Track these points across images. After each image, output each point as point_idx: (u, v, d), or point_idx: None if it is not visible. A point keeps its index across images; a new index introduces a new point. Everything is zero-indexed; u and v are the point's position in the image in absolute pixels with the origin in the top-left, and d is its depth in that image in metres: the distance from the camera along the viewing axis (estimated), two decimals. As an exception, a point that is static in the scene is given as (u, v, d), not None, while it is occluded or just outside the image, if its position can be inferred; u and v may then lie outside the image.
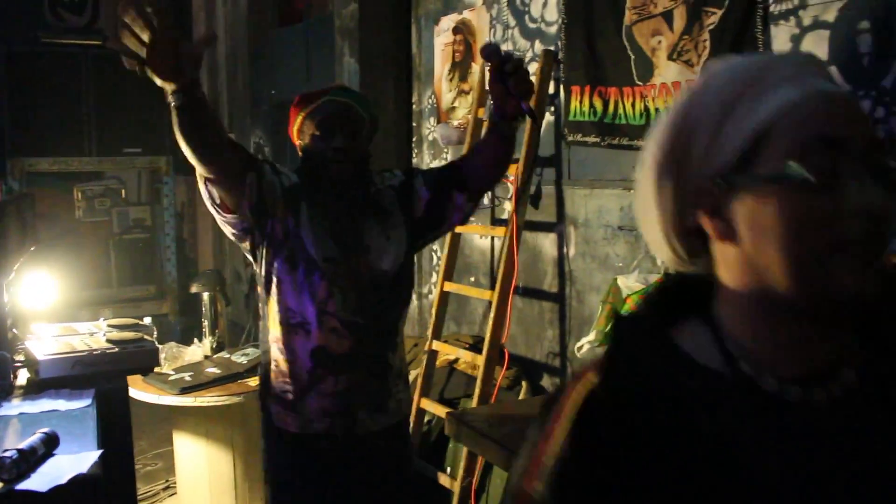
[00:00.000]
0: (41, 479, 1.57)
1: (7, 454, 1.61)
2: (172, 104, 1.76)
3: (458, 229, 3.58)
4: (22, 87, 5.82)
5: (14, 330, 2.43)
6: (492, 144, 2.21)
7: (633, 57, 2.85)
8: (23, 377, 2.25)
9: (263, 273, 2.13)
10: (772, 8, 2.43)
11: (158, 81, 1.70)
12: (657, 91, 2.77)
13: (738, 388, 0.76)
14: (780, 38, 2.41)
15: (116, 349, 2.24)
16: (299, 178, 2.16)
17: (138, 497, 4.03)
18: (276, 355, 2.14)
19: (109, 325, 2.58)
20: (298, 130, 2.19)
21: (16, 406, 2.00)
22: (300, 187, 2.14)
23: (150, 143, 6.09)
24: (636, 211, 0.86)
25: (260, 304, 2.21)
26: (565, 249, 3.26)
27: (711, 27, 2.57)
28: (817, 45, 2.33)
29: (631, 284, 2.81)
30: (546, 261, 3.36)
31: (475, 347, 3.62)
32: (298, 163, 2.24)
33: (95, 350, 2.20)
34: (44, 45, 6.02)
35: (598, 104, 3.01)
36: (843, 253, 0.71)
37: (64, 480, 1.55)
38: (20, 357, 2.30)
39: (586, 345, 2.82)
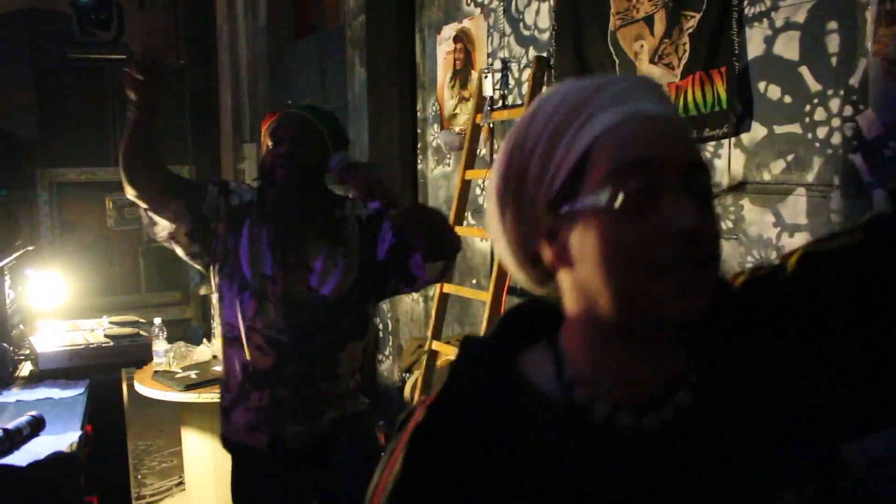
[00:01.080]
0: (22, 456, 1.69)
1: (-7, 433, 1.74)
2: (130, 116, 1.95)
3: (459, 231, 3.67)
4: (51, 101, 6.02)
5: (21, 326, 2.56)
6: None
7: (617, 61, 2.92)
8: (27, 369, 2.38)
9: (214, 289, 2.23)
10: (746, 10, 2.49)
11: (130, 92, 1.89)
12: (641, 94, 2.84)
13: (569, 417, 0.76)
14: (755, 40, 2.48)
15: (112, 343, 2.37)
16: (256, 197, 2.22)
17: (153, 493, 4.17)
18: (220, 366, 2.24)
19: (111, 323, 2.71)
20: (263, 146, 2.25)
21: (14, 394, 2.13)
22: (248, 206, 2.19)
23: (172, 153, 6.26)
24: (491, 238, 0.85)
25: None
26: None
27: (690, 30, 2.64)
28: (789, 45, 2.39)
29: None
30: (541, 262, 3.43)
31: (476, 348, 3.69)
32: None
33: (92, 344, 2.33)
34: (71, 60, 6.22)
35: (587, 108, 3.08)
36: (662, 277, 0.70)
37: (42, 457, 1.67)
38: (25, 351, 2.44)
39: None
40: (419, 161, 4.27)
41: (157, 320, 3.61)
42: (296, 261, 2.15)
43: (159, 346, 3.55)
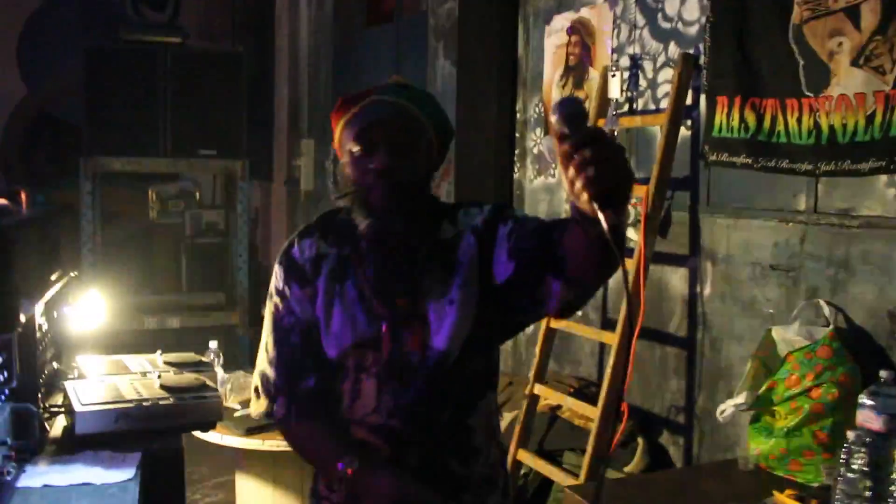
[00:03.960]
0: None
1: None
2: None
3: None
4: (99, 84, 5.57)
5: (55, 364, 2.05)
6: (573, 241, 1.37)
7: (801, 62, 2.35)
8: (60, 424, 1.86)
9: None
10: None
11: None
12: (833, 104, 2.27)
13: None
14: None
15: (171, 400, 1.79)
16: (322, 233, 1.65)
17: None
18: None
19: (166, 363, 2.17)
20: (339, 145, 1.62)
21: (42, 473, 1.57)
22: (317, 258, 1.62)
23: (226, 145, 5.78)
24: None
25: None
26: (699, 288, 2.76)
27: (914, 26, 2.07)
28: None
29: (790, 338, 2.31)
30: (673, 299, 2.87)
31: (581, 393, 3.16)
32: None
33: (146, 401, 1.76)
34: (123, 41, 5.77)
35: (751, 118, 2.51)
36: None
37: None
38: (57, 401, 1.92)
39: (731, 408, 2.33)
40: (516, 169, 3.71)
41: (213, 344, 3.10)
42: (404, 309, 1.58)
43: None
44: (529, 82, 3.64)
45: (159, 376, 2.00)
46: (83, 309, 2.29)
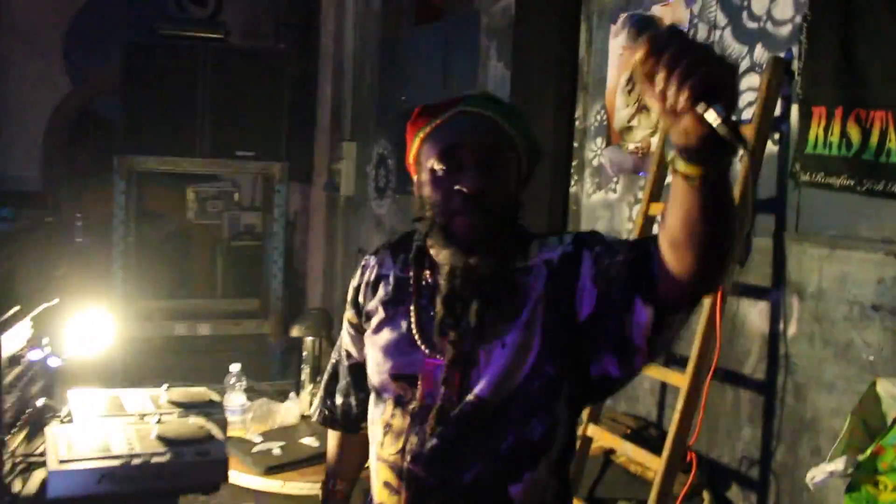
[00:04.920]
0: None
1: None
2: None
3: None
4: (137, 81, 5.37)
5: (42, 400, 1.77)
6: (675, 207, 1.11)
7: (923, 69, 2.01)
8: (40, 476, 1.57)
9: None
10: None
11: None
12: (962, 119, 1.92)
13: None
14: None
15: (167, 457, 1.50)
16: (393, 253, 1.54)
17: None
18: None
19: (170, 402, 1.87)
20: (415, 161, 1.45)
21: None
22: (378, 280, 1.54)
23: (265, 147, 5.55)
24: None
25: None
26: (782, 325, 2.42)
27: None
28: None
29: (901, 394, 1.95)
30: (750, 337, 2.53)
31: (639, 435, 2.83)
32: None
33: (136, 457, 1.46)
34: (162, 37, 5.56)
35: (855, 133, 2.17)
36: None
37: None
38: (41, 446, 1.64)
39: (825, 475, 1.98)
40: (573, 182, 3.39)
41: (235, 367, 2.82)
42: (452, 347, 1.40)
43: (234, 400, 2.77)
44: (591, 87, 3.31)
45: (159, 420, 1.71)
46: (87, 332, 2.02)
